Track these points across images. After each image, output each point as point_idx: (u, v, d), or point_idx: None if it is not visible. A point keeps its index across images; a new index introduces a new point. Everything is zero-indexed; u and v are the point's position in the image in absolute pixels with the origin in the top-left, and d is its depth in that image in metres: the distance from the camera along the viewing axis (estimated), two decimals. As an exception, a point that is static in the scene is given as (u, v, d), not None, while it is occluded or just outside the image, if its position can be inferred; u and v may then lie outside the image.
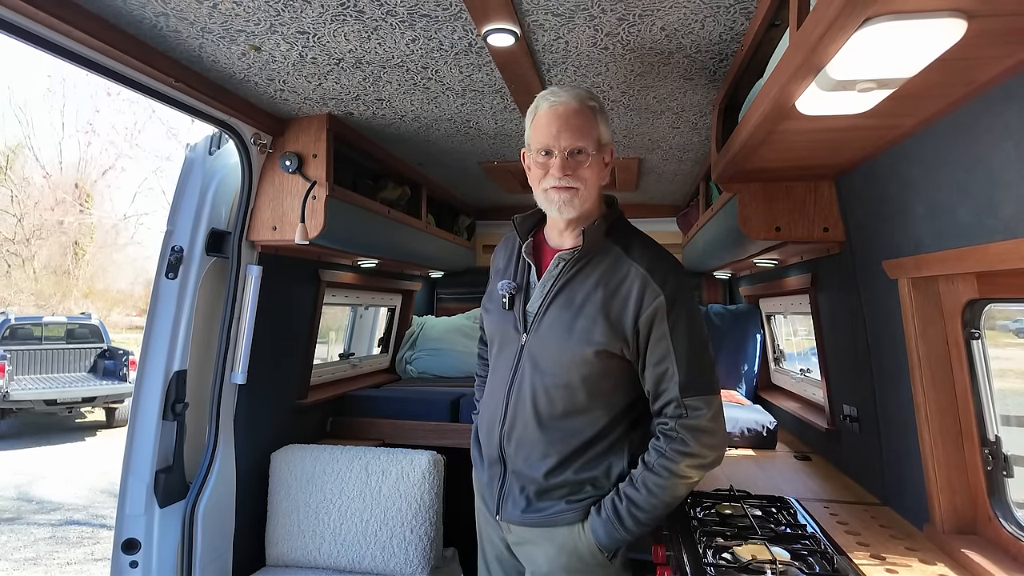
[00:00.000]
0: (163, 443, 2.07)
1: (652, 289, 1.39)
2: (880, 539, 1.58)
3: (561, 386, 1.46)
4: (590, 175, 1.43)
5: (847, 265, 1.95)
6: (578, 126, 1.41)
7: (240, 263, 2.16)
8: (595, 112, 1.44)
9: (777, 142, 1.53)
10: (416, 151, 2.61)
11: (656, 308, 1.39)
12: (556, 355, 1.45)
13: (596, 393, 1.46)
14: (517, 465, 1.52)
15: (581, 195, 1.43)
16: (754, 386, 3.27)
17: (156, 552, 2.03)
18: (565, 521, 1.47)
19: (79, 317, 10.48)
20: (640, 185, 3.25)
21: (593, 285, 1.44)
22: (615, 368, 1.45)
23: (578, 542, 1.46)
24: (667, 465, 1.39)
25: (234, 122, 1.99)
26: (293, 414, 2.61)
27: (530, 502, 1.50)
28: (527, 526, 1.51)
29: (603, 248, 1.47)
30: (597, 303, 1.42)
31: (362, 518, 2.24)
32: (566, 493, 1.48)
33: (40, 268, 20.78)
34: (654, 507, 1.39)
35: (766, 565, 1.36)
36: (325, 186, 2.11)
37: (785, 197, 1.96)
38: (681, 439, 1.39)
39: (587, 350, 1.41)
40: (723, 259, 2.82)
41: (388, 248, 2.82)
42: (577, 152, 1.42)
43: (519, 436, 1.51)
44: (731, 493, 1.84)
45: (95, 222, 21.37)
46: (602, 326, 1.40)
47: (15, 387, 8.38)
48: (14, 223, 20.20)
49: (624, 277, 1.42)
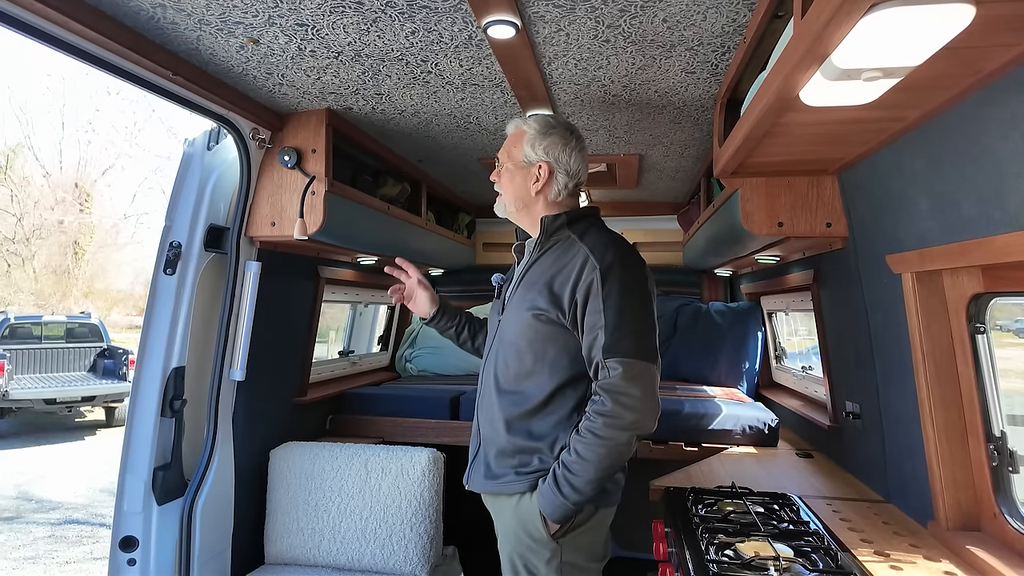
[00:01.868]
0: (161, 440, 2.06)
1: (591, 264, 1.51)
2: (884, 536, 1.57)
3: (513, 351, 1.60)
4: (505, 183, 1.70)
5: (850, 261, 1.94)
6: (506, 143, 1.72)
7: (239, 259, 2.15)
8: (523, 135, 1.67)
9: (780, 135, 1.52)
10: (416, 147, 2.60)
11: (592, 280, 1.49)
12: (513, 325, 1.61)
13: (541, 356, 1.56)
14: (485, 431, 1.67)
15: (500, 201, 1.74)
16: (755, 384, 3.26)
17: (154, 550, 2.01)
18: (513, 490, 1.56)
19: (79, 316, 10.46)
20: (641, 182, 3.23)
21: (548, 265, 1.60)
22: (558, 335, 1.55)
23: (524, 515, 1.54)
24: (588, 426, 1.45)
25: (232, 116, 1.98)
26: (292, 412, 2.59)
27: (489, 468, 1.63)
28: (487, 494, 1.66)
29: (563, 237, 1.63)
30: (546, 278, 1.57)
31: (362, 516, 2.22)
32: (516, 464, 1.58)
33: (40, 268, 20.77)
34: (584, 471, 1.43)
35: (769, 562, 1.35)
36: (324, 181, 2.10)
37: (787, 192, 1.95)
38: (600, 400, 1.45)
39: (527, 314, 1.56)
40: (725, 256, 2.81)
41: (387, 245, 2.81)
42: (501, 166, 1.71)
43: (485, 403, 1.67)
44: (733, 490, 1.82)
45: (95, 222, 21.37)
46: (544, 295, 1.54)
47: (14, 386, 8.36)
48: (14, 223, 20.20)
49: (573, 256, 1.56)
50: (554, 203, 1.68)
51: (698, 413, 2.58)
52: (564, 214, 1.65)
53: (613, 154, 2.69)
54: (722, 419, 2.56)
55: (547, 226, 1.64)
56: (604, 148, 2.62)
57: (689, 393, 2.94)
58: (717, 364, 3.28)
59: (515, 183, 1.68)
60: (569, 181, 1.66)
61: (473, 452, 1.73)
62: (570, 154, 1.65)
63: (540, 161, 1.64)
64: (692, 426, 2.56)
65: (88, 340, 9.94)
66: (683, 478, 2.08)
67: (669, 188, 3.38)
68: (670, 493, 1.87)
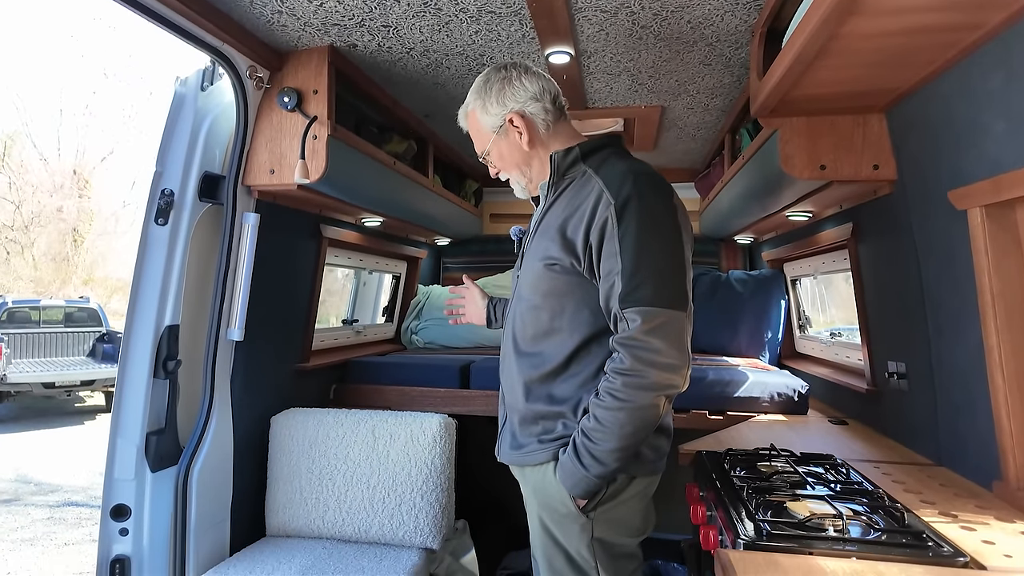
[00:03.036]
0: (154, 403, 1.92)
1: (605, 199, 1.32)
2: (944, 497, 1.43)
3: (529, 308, 1.45)
4: (500, 162, 1.55)
5: (897, 207, 1.79)
6: (473, 139, 1.60)
7: (236, 210, 2.00)
8: (473, 113, 1.54)
9: (836, 53, 1.36)
10: (424, 98, 2.44)
11: (607, 219, 1.31)
12: (528, 279, 1.46)
13: (559, 312, 1.40)
14: (508, 398, 1.53)
15: (512, 181, 1.57)
16: (778, 355, 3.12)
17: (148, 519, 1.88)
18: (536, 460, 1.42)
19: (77, 301, 10.33)
20: (659, 143, 3.07)
21: (562, 208, 1.42)
22: (576, 287, 1.38)
23: (550, 487, 1.40)
24: (607, 387, 1.29)
25: (228, 51, 1.82)
26: (294, 378, 2.45)
27: (514, 437, 1.49)
28: (514, 465, 1.52)
29: (578, 174, 1.45)
30: (559, 221, 1.40)
31: (369, 485, 2.09)
32: (540, 432, 1.43)
33: (39, 255, 20.63)
34: (604, 439, 1.27)
35: (827, 520, 1.21)
36: (327, 125, 1.94)
37: (830, 132, 1.80)
38: (618, 357, 1.28)
39: (539, 265, 1.41)
40: (752, 215, 2.66)
41: (393, 204, 2.66)
42: (485, 156, 1.57)
43: (506, 367, 1.53)
44: (773, 452, 1.68)
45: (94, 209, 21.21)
46: (557, 241, 1.38)
47: (13, 370, 8.24)
48: (12, 210, 20.03)
49: (588, 194, 1.37)
50: (556, 138, 1.50)
51: (723, 380, 2.44)
52: (577, 147, 1.46)
53: (633, 106, 2.53)
54: (748, 386, 2.42)
55: (558, 163, 1.46)
56: (624, 99, 2.46)
57: (711, 362, 2.80)
58: (737, 334, 3.13)
59: (507, 154, 1.52)
60: (544, 103, 1.47)
61: (501, 421, 1.59)
62: (519, 83, 1.47)
63: (505, 115, 1.47)
64: (717, 393, 2.42)
65: (87, 325, 9.81)
66: (713, 443, 1.94)
67: (688, 151, 3.22)
68: (703, 456, 1.73)
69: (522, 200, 1.64)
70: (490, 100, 1.48)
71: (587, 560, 1.38)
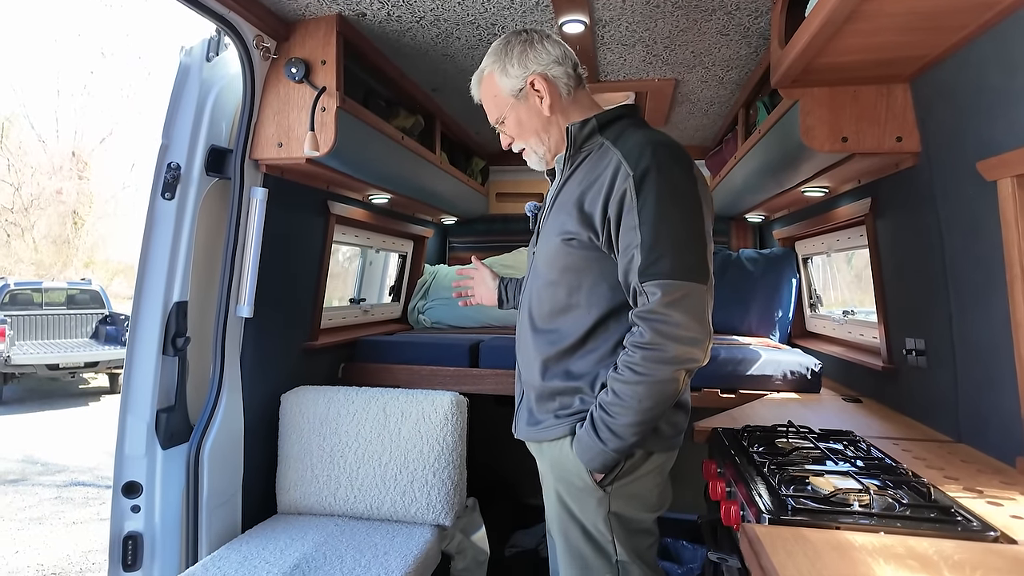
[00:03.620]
0: (164, 380, 1.90)
1: (623, 171, 1.28)
2: (968, 473, 1.41)
3: (545, 284, 1.43)
4: (517, 130, 1.48)
5: (920, 180, 1.75)
6: (486, 106, 1.52)
7: (243, 184, 1.96)
8: (490, 76, 1.47)
9: (867, 17, 1.32)
10: (432, 70, 2.38)
11: (625, 191, 1.27)
12: (545, 255, 1.43)
13: (576, 288, 1.37)
14: (524, 375, 1.52)
15: (529, 151, 1.51)
16: (788, 334, 3.09)
17: (159, 497, 1.88)
18: (552, 436, 1.41)
19: (79, 283, 10.32)
20: (670, 119, 3.02)
21: (579, 181, 1.38)
22: (594, 262, 1.35)
23: (566, 461, 1.38)
24: (626, 361, 1.27)
25: (234, 19, 1.77)
26: (303, 356, 2.43)
27: (532, 414, 1.48)
28: (531, 441, 1.51)
29: (596, 146, 1.41)
30: (576, 195, 1.36)
31: (380, 462, 2.08)
32: (556, 407, 1.42)
33: (40, 238, 20.57)
34: (622, 413, 1.26)
35: (852, 495, 1.19)
36: (335, 96, 1.89)
37: (853, 103, 1.75)
38: (638, 331, 1.26)
39: (556, 240, 1.38)
40: (765, 193, 2.61)
41: (400, 181, 2.62)
42: (500, 123, 1.50)
43: (522, 344, 1.51)
44: (791, 428, 1.66)
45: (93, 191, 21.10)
46: (574, 215, 1.34)
47: (16, 352, 8.25)
48: (12, 192, 19.93)
49: (606, 166, 1.33)
50: (575, 106, 1.46)
51: (735, 359, 2.42)
52: (594, 117, 1.42)
53: (646, 79, 2.47)
54: (761, 364, 2.40)
55: (574, 135, 1.42)
56: (637, 71, 2.40)
57: (722, 341, 2.77)
58: (748, 313, 3.10)
59: (525, 120, 1.46)
60: (566, 68, 1.43)
61: (518, 398, 1.58)
62: (540, 46, 1.43)
63: (526, 78, 1.42)
64: (729, 372, 2.40)
65: (89, 307, 9.81)
66: (728, 420, 1.92)
67: (699, 127, 3.16)
68: (720, 433, 1.71)
69: (528, 179, 1.61)
70: (511, 62, 1.43)
71: (603, 534, 1.37)
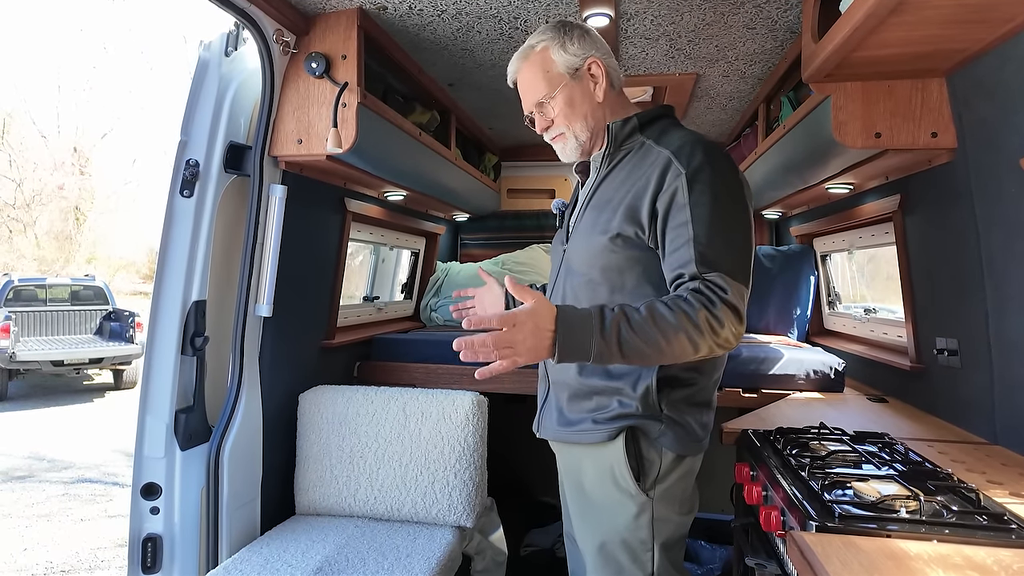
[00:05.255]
0: (183, 380, 1.87)
1: (674, 168, 1.26)
2: (1011, 478, 1.38)
3: (584, 283, 1.39)
4: (566, 111, 1.41)
5: (956, 176, 1.71)
6: (529, 84, 1.44)
7: (262, 182, 1.93)
8: (545, 51, 1.41)
9: (912, 9, 1.28)
10: (450, 65, 2.34)
11: (676, 188, 1.25)
12: (582, 253, 1.40)
13: (619, 287, 1.35)
14: (553, 373, 1.47)
15: (569, 136, 1.44)
16: (806, 332, 3.06)
17: (179, 498, 1.85)
18: (590, 440, 1.37)
19: (83, 279, 10.29)
20: (687, 114, 2.98)
21: (621, 180, 1.37)
22: (638, 260, 1.33)
23: (605, 466, 1.35)
24: (681, 305, 1.17)
25: (255, 12, 1.73)
26: (320, 355, 2.41)
27: (562, 413, 1.44)
28: (559, 442, 1.48)
29: (636, 145, 1.39)
30: (620, 194, 1.35)
31: (401, 463, 2.05)
32: (593, 408, 1.38)
33: (42, 234, 20.55)
34: (642, 333, 1.14)
35: (899, 502, 1.16)
36: (356, 92, 1.86)
37: (887, 98, 1.71)
38: (708, 298, 1.18)
39: (602, 239, 1.34)
40: (786, 189, 2.58)
41: (417, 177, 2.58)
42: (540, 106, 1.43)
43: None
44: (823, 430, 1.63)
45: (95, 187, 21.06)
46: (620, 213, 1.32)
47: (21, 348, 8.23)
48: (13, 188, 19.90)
49: (652, 163, 1.32)
50: (619, 100, 1.46)
51: (757, 358, 2.39)
52: (635, 116, 1.40)
53: (667, 74, 2.43)
54: (784, 364, 2.37)
55: (616, 133, 1.40)
56: (658, 66, 2.36)
57: (742, 340, 2.73)
58: (765, 311, 3.07)
59: (578, 102, 1.40)
60: (613, 61, 1.45)
61: (542, 397, 1.54)
62: (595, 35, 1.44)
63: (587, 58, 1.40)
64: (752, 371, 2.37)
65: (93, 303, 9.78)
66: (756, 421, 1.89)
67: (716, 122, 3.12)
68: (750, 435, 1.68)
69: (540, 175, 1.58)
70: (571, 40, 1.40)
71: (644, 542, 1.34)
